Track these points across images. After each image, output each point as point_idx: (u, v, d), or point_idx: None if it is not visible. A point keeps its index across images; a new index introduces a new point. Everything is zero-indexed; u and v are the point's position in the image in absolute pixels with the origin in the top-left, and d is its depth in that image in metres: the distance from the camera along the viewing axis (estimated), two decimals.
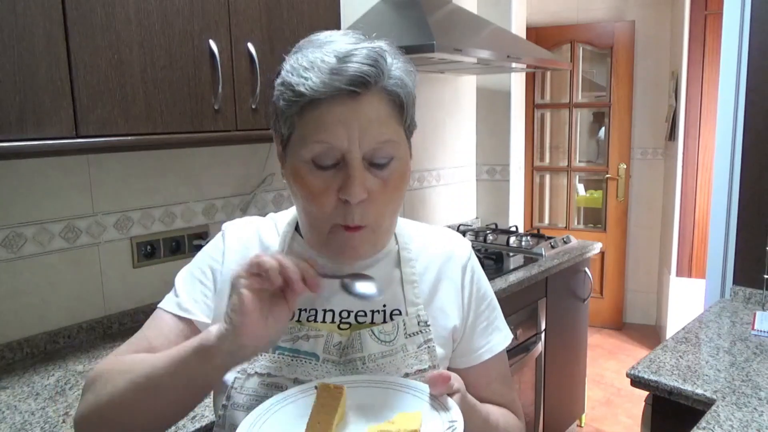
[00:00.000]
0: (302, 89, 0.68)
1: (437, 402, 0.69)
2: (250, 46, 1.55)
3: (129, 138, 1.34)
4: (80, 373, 1.40)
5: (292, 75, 0.70)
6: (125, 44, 1.30)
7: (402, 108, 0.73)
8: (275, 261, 0.63)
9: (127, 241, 1.71)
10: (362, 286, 0.70)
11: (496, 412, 0.85)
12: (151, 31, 1.35)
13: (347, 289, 0.70)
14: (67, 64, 1.21)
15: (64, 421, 1.17)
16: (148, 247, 1.76)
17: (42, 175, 1.52)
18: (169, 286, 0.86)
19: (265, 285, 0.64)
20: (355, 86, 0.67)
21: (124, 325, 1.70)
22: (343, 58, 0.68)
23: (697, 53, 3.57)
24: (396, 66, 0.72)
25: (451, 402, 0.68)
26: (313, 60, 0.69)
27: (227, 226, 0.87)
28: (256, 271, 0.63)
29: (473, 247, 2.60)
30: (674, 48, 3.83)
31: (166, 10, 1.37)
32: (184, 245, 1.84)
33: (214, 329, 0.65)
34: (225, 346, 0.64)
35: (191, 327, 0.80)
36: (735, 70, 1.93)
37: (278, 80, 0.73)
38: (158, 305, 0.84)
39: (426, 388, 0.71)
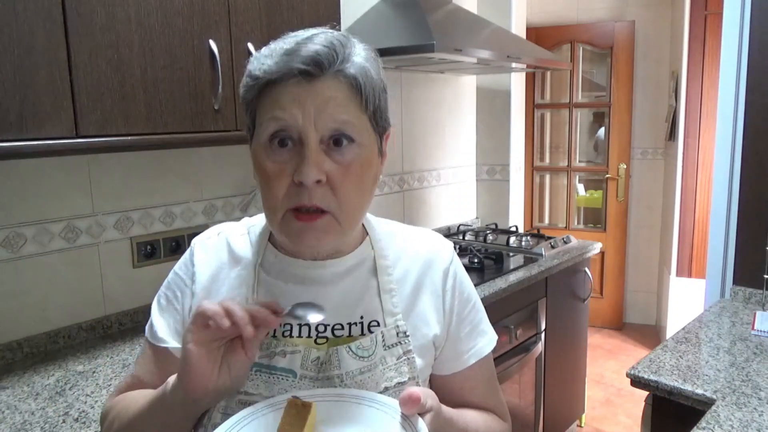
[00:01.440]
0: (258, 73, 0.70)
1: (407, 421, 0.67)
2: (250, 46, 1.55)
3: (129, 138, 1.34)
4: (80, 373, 1.40)
5: (253, 63, 0.72)
6: (125, 44, 1.30)
7: (361, 93, 0.70)
8: (219, 307, 0.63)
9: (127, 241, 1.71)
10: (314, 317, 0.69)
11: (477, 420, 0.83)
12: (151, 31, 1.35)
13: (296, 317, 0.69)
14: (67, 64, 1.21)
15: (64, 421, 1.17)
16: (148, 247, 1.76)
17: (42, 175, 1.52)
18: None
19: (213, 334, 0.63)
20: (309, 65, 0.67)
21: (123, 325, 1.70)
22: (301, 43, 0.69)
23: (697, 53, 3.57)
24: (356, 53, 0.71)
25: (421, 423, 0.65)
26: (274, 47, 0.71)
27: (195, 242, 0.85)
28: (201, 322, 0.63)
29: (473, 248, 2.60)
30: (674, 48, 3.83)
31: (166, 10, 1.37)
32: (184, 245, 1.84)
33: (171, 381, 0.67)
34: (177, 398, 0.66)
35: (167, 354, 0.80)
36: (735, 70, 1.93)
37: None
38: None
39: (398, 404, 0.68)
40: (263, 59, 0.70)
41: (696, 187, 3.67)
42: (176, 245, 1.82)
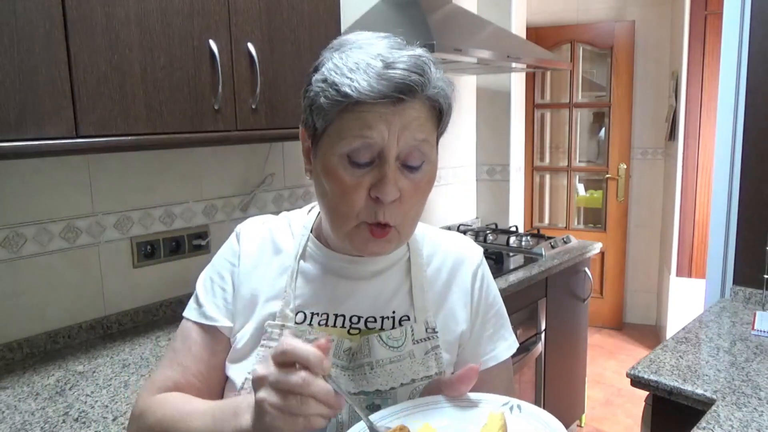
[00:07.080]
0: (348, 90, 0.68)
1: (469, 402, 0.73)
2: (250, 46, 1.55)
3: (129, 138, 1.34)
4: (80, 373, 1.40)
5: (336, 74, 0.69)
6: (125, 44, 1.30)
7: (440, 115, 0.74)
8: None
9: (127, 241, 1.71)
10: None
11: None
12: (151, 31, 1.35)
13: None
14: (67, 65, 1.21)
15: (64, 421, 1.17)
16: (148, 247, 1.76)
17: (42, 175, 1.52)
18: (169, 285, 0.86)
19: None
20: (402, 93, 0.68)
21: (123, 325, 1.70)
22: (390, 64, 0.68)
23: (697, 53, 3.57)
24: (438, 76, 0.72)
25: (477, 394, 0.72)
26: (359, 61, 0.68)
27: (241, 228, 0.88)
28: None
29: None
30: (674, 48, 3.83)
31: (166, 10, 1.37)
32: (184, 245, 1.84)
33: (243, 417, 0.65)
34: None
35: (216, 334, 0.83)
36: (735, 70, 1.93)
37: (317, 76, 0.72)
38: (183, 314, 0.86)
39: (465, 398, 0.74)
40: (350, 74, 0.68)
41: (696, 187, 3.67)
42: (176, 245, 1.82)
